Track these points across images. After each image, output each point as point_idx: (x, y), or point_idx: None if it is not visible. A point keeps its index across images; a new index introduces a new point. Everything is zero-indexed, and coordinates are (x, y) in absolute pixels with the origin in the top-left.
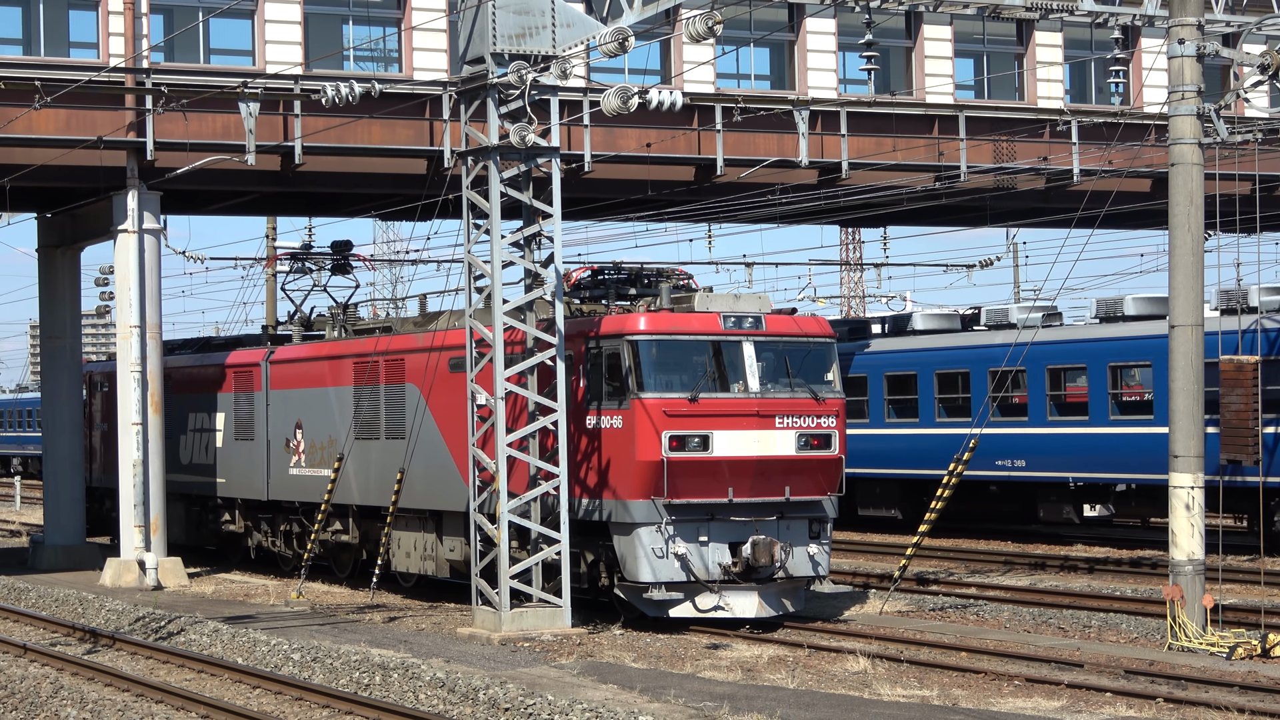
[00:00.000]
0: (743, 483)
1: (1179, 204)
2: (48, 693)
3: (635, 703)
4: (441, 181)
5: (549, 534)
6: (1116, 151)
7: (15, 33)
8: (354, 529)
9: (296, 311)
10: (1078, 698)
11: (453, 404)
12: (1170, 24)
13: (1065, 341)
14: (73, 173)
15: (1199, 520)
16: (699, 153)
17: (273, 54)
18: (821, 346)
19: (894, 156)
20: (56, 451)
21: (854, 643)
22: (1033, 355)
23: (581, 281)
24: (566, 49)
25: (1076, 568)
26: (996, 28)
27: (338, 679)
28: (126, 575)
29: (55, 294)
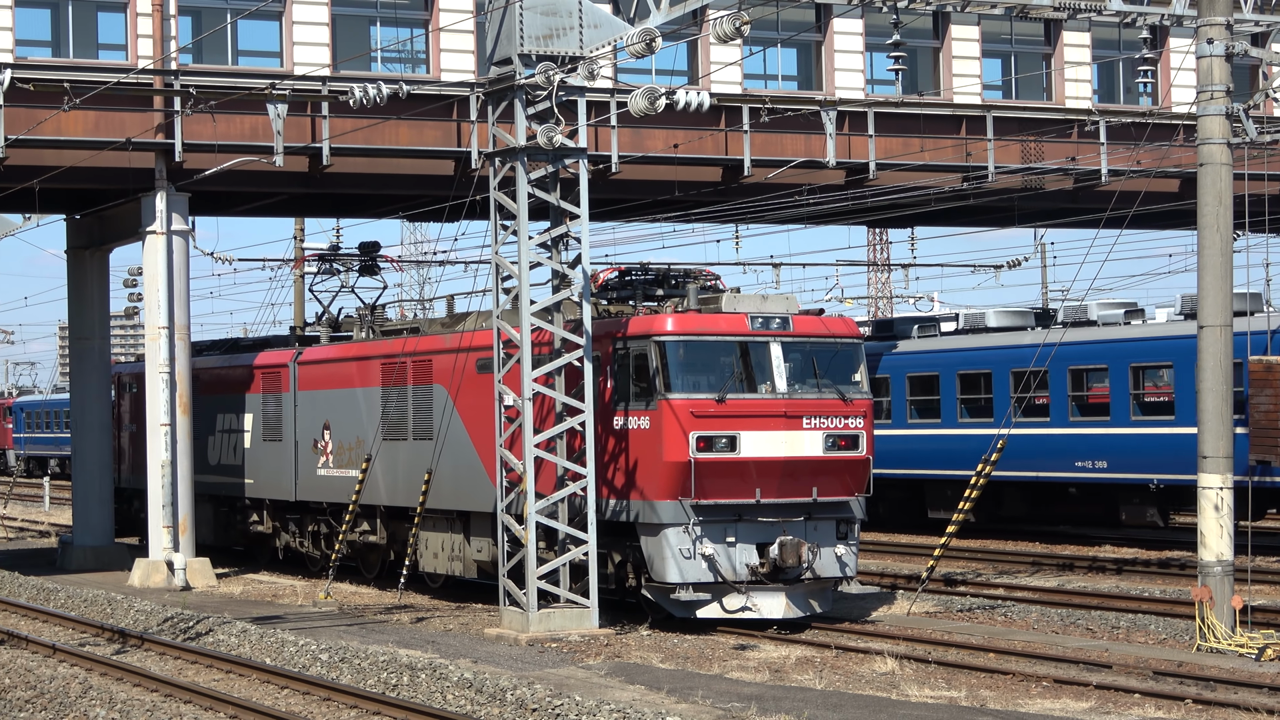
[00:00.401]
0: (770, 483)
1: (1208, 204)
2: (77, 693)
3: (663, 703)
4: (469, 182)
5: (576, 535)
6: (1145, 151)
7: (44, 35)
8: (382, 530)
9: (324, 312)
10: (1106, 699)
11: (480, 405)
12: (1199, 24)
13: (1148, 339)
14: (101, 174)
15: (1228, 521)
16: (726, 153)
17: (301, 55)
18: (849, 347)
19: (921, 157)
20: (85, 452)
21: (881, 643)
22: (1115, 353)
23: (609, 282)
24: (594, 50)
25: (1105, 569)
26: (1024, 28)
27: (365, 679)
28: (155, 576)
29: (84, 296)
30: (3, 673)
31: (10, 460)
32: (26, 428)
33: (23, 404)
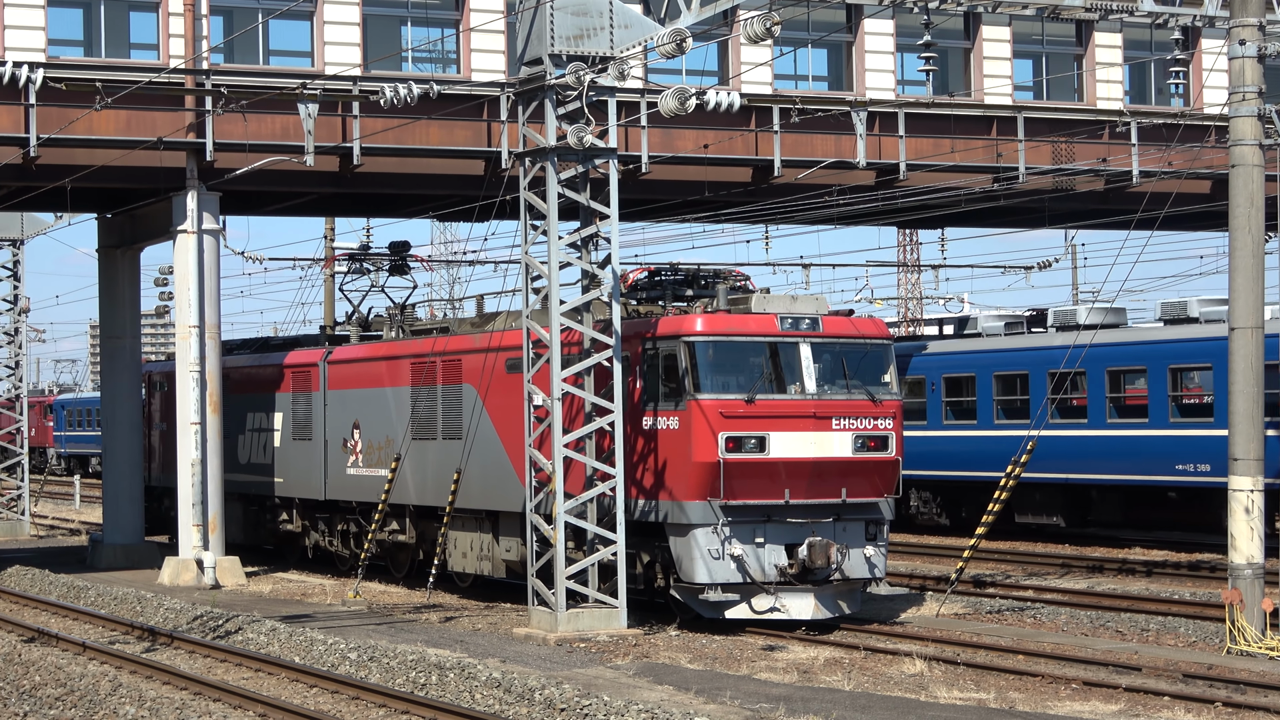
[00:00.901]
0: (799, 484)
1: (1239, 205)
2: (106, 690)
3: (691, 704)
4: (499, 182)
5: (605, 535)
6: (1176, 153)
7: (77, 34)
8: (411, 529)
9: (354, 312)
10: (1135, 701)
11: (509, 404)
12: (1231, 25)
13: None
14: (133, 173)
15: (1259, 523)
16: (756, 154)
17: (332, 55)
18: (879, 348)
19: (952, 158)
20: (116, 451)
21: (910, 645)
22: (1221, 350)
23: (638, 282)
24: (624, 50)
25: (1134, 571)
26: (1055, 28)
27: (394, 679)
28: (184, 574)
29: (115, 294)
30: (34, 670)
31: (51, 458)
32: (67, 425)
33: (63, 402)
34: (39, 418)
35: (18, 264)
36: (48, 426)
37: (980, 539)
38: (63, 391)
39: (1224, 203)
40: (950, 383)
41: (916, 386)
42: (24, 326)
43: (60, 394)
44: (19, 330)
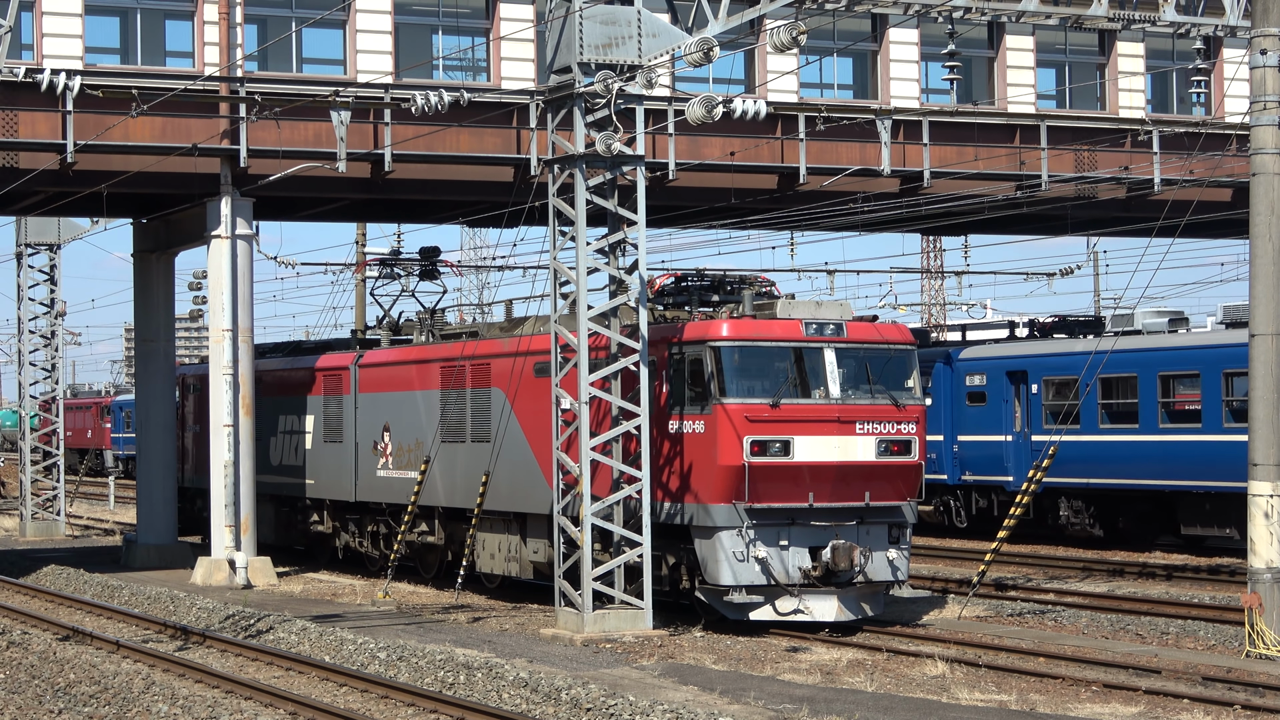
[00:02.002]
0: (823, 488)
1: (1260, 214)
2: (139, 689)
3: (715, 704)
4: (528, 189)
5: (631, 537)
6: (1198, 161)
7: (113, 42)
8: (440, 530)
9: (385, 316)
10: (1155, 704)
11: (537, 408)
12: (1252, 34)
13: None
14: (168, 179)
15: (1278, 528)
16: (782, 161)
17: (364, 63)
18: (902, 353)
19: (975, 166)
20: (150, 452)
21: (932, 647)
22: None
23: (665, 288)
24: (652, 59)
25: (1155, 574)
26: (1078, 38)
27: (423, 678)
28: (217, 574)
29: (150, 298)
30: (68, 668)
31: (108, 461)
32: (125, 427)
33: (121, 403)
34: (95, 419)
35: (54, 268)
36: (105, 428)
37: (1002, 542)
38: (119, 393)
39: (1245, 211)
40: (1106, 384)
41: (1066, 388)
42: (60, 330)
43: (117, 395)
44: (55, 333)
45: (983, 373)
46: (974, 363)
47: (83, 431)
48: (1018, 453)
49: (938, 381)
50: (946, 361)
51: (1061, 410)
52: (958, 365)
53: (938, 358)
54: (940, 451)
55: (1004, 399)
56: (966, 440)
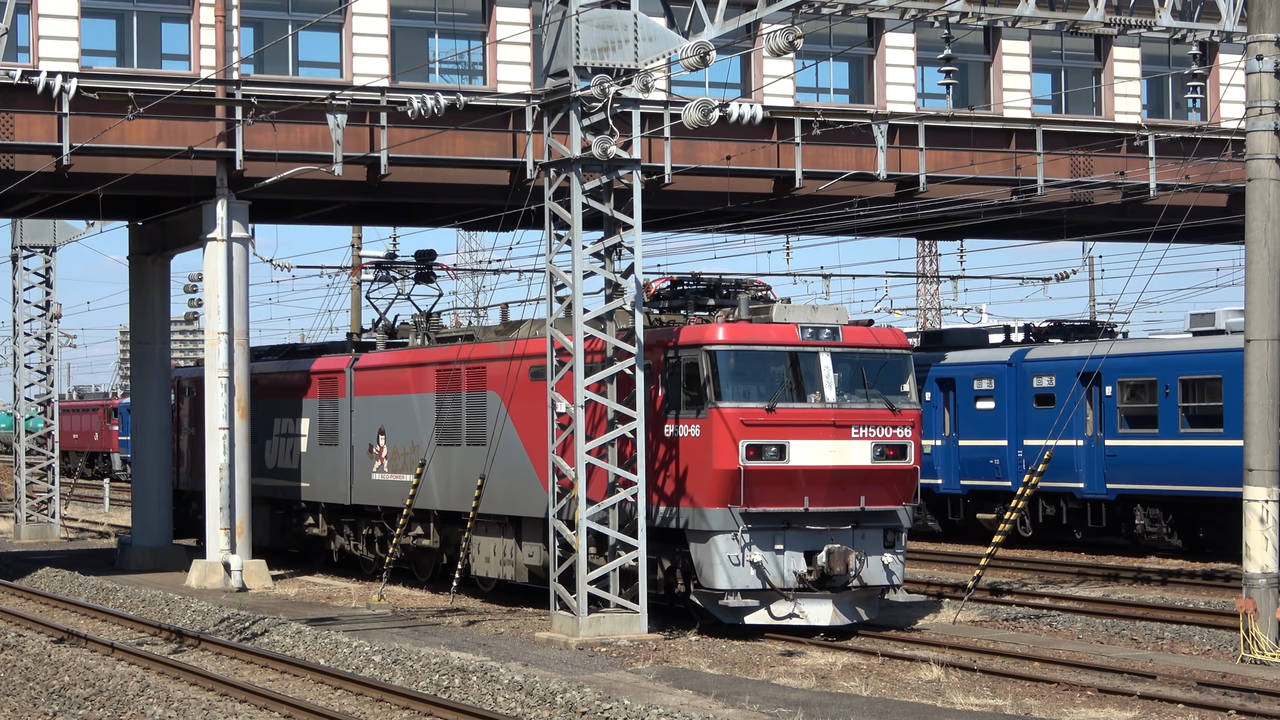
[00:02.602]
0: (818, 492)
1: (1256, 219)
2: (134, 691)
3: (710, 708)
4: (524, 192)
5: (627, 540)
6: (1193, 166)
7: (109, 45)
8: (435, 534)
9: (381, 319)
10: (1150, 709)
11: (533, 412)
12: (1248, 40)
13: None
14: (163, 182)
15: (1273, 533)
16: (778, 165)
17: (360, 66)
18: (898, 358)
19: (971, 170)
20: (145, 455)
21: (927, 651)
22: None
23: (661, 292)
24: (648, 63)
25: (1150, 580)
26: (1074, 43)
27: (418, 681)
28: (212, 577)
29: (145, 301)
30: (63, 670)
31: (115, 464)
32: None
33: (129, 405)
34: (103, 421)
35: (50, 270)
36: (112, 431)
37: (997, 547)
38: (127, 395)
39: (1241, 216)
40: (1187, 386)
41: (1144, 390)
42: (55, 332)
43: (125, 397)
44: (50, 335)
45: (1052, 374)
46: (1042, 364)
47: (89, 434)
48: (1090, 458)
49: (1000, 384)
50: (1011, 363)
51: (1138, 414)
52: (1024, 366)
53: (1000, 359)
54: (1004, 457)
55: (1075, 401)
56: (1034, 445)
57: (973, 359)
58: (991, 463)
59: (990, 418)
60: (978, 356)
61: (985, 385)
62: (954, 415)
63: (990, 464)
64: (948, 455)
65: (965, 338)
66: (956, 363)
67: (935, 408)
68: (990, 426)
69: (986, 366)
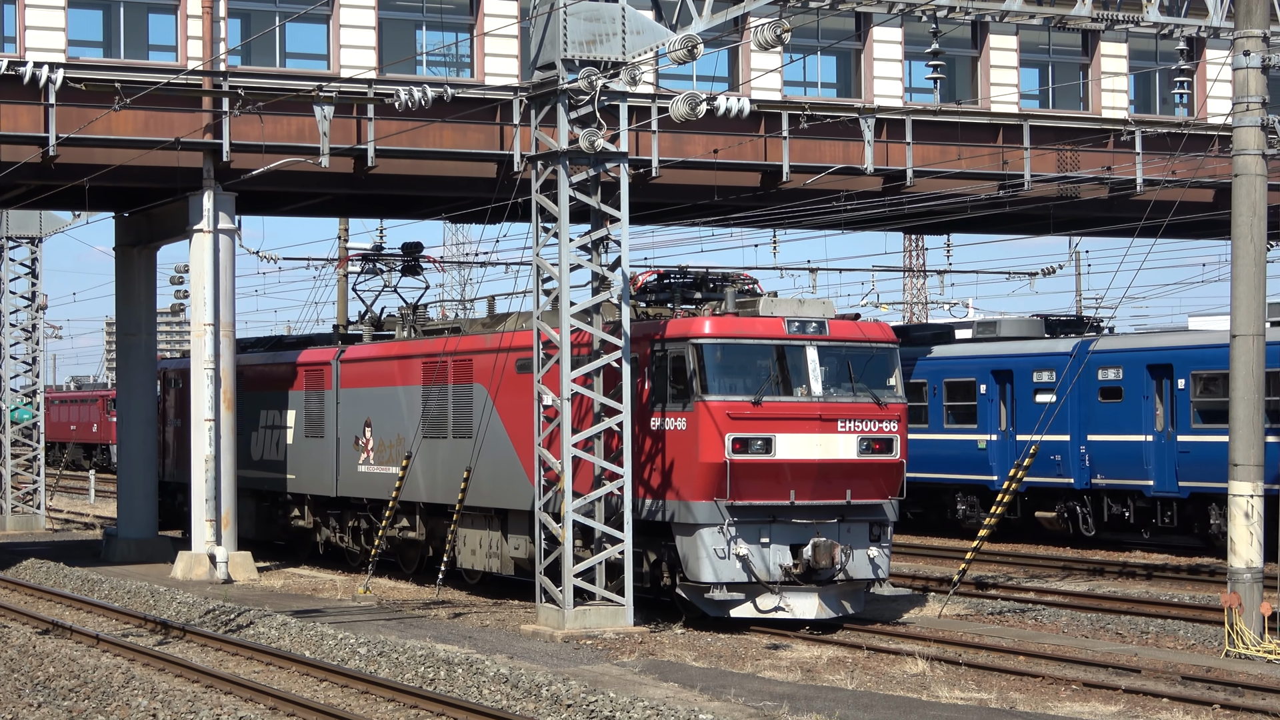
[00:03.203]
0: (804, 485)
1: (1242, 214)
2: (119, 683)
3: (696, 701)
4: (511, 185)
5: (613, 533)
6: (1180, 162)
7: (96, 35)
8: (421, 526)
9: (367, 311)
10: (1135, 703)
11: (519, 404)
12: (1235, 36)
13: None
14: (150, 173)
15: (1258, 528)
16: (765, 159)
17: (347, 58)
18: (884, 351)
19: (958, 165)
20: (130, 446)
21: (913, 645)
22: None
23: (648, 285)
24: (636, 56)
25: (1135, 574)
26: (1062, 38)
27: (403, 673)
28: (197, 568)
29: (131, 292)
30: (48, 662)
31: (114, 456)
32: None
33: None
34: (101, 413)
35: (36, 261)
36: (111, 422)
37: (983, 541)
38: None
39: (1227, 211)
40: (1273, 380)
41: (1220, 383)
42: (41, 323)
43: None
44: (36, 326)
45: (1119, 366)
46: (1109, 355)
47: (87, 426)
48: (1160, 454)
49: (1062, 377)
50: (1074, 354)
51: (1214, 408)
52: (1090, 359)
53: (1063, 350)
54: (1065, 453)
55: (1144, 395)
56: (1098, 440)
57: (1033, 350)
58: (1052, 459)
59: (1051, 412)
60: (1038, 347)
61: (1045, 377)
62: (1011, 409)
63: (1051, 460)
64: (1004, 451)
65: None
66: (1015, 354)
67: (991, 401)
68: (1053, 421)
69: (1047, 358)
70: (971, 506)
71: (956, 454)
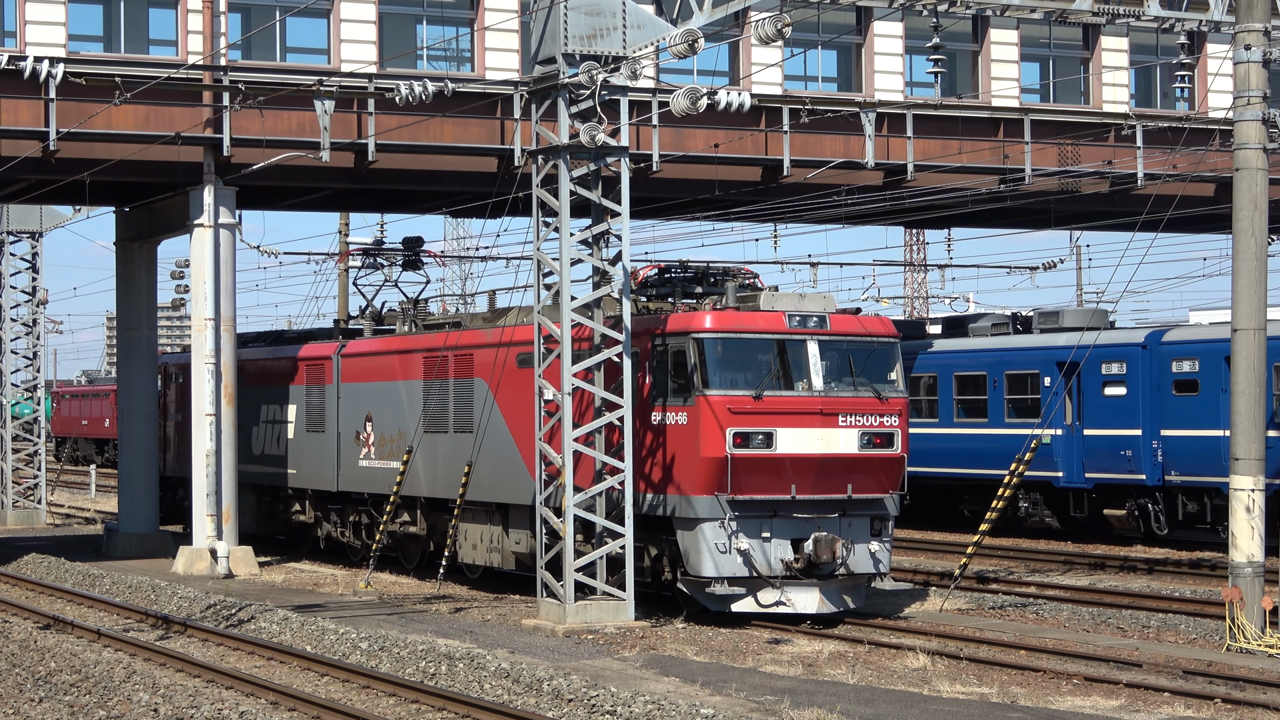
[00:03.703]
0: (805, 480)
1: (1243, 208)
2: (120, 677)
3: (697, 695)
4: (512, 180)
5: (614, 528)
6: (1181, 156)
7: (97, 30)
8: (422, 521)
9: (368, 306)
10: (1136, 697)
11: (520, 399)
12: (1236, 30)
13: None
14: (151, 168)
15: (1259, 523)
16: (766, 153)
17: (348, 53)
18: (885, 346)
19: (959, 159)
20: (131, 441)
21: (914, 639)
22: None
23: (648, 279)
24: (637, 50)
25: (1136, 568)
26: (1063, 32)
27: (404, 668)
28: (198, 563)
29: (132, 286)
30: (49, 656)
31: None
32: None
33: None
34: (113, 408)
35: (36, 256)
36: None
37: (984, 535)
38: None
39: (1228, 206)
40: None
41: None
42: (42, 318)
43: None
44: (37, 321)
45: (1194, 358)
46: (1184, 346)
47: (99, 421)
48: None
49: (1133, 369)
50: (1146, 345)
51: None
52: (1162, 350)
53: (1134, 341)
54: (1137, 448)
55: (1223, 388)
56: (1172, 435)
57: (1102, 340)
58: (1123, 454)
59: (1121, 405)
60: (1107, 338)
61: (1115, 370)
62: (1078, 402)
63: (1121, 455)
64: (1069, 446)
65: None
66: (1081, 345)
67: (1056, 394)
68: (1121, 415)
69: (1117, 349)
70: (1034, 504)
71: (1018, 449)
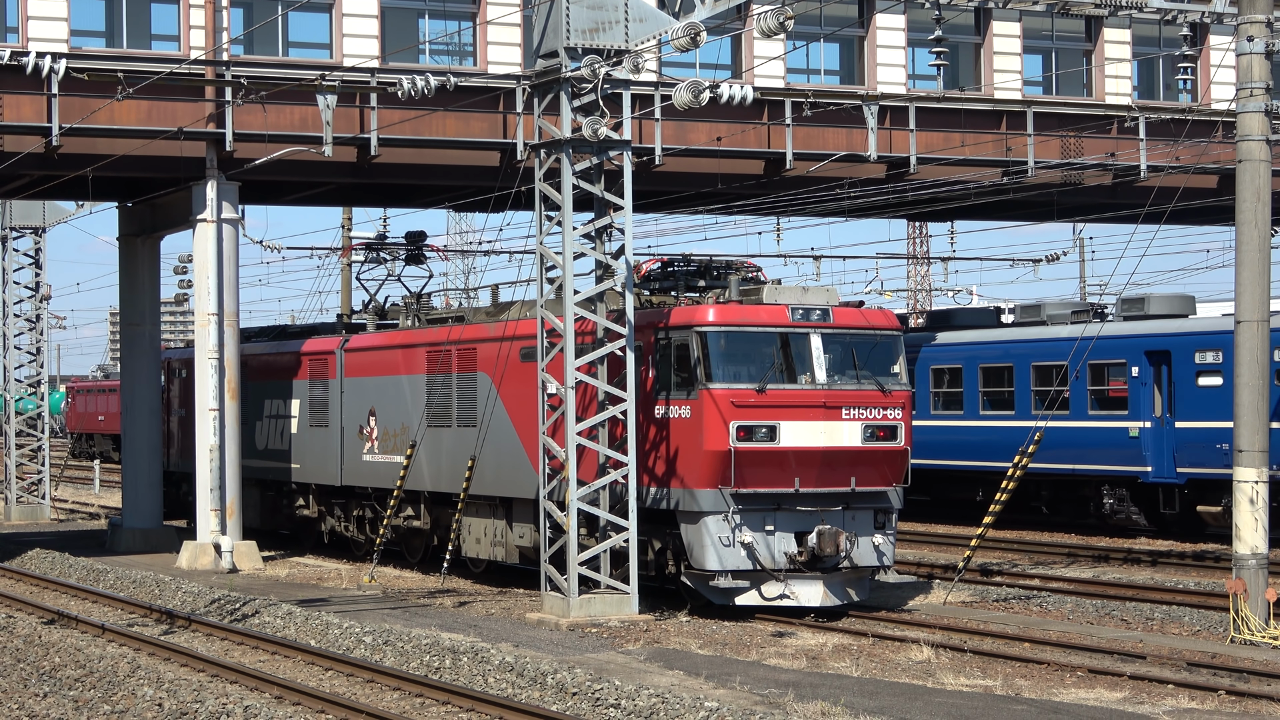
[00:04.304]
0: (809, 473)
1: (1246, 200)
2: (125, 672)
3: (701, 689)
4: (514, 174)
5: (617, 522)
6: (1184, 148)
7: (99, 25)
8: (425, 515)
9: (371, 301)
10: (1140, 689)
11: (524, 393)
12: (1239, 21)
13: None
14: (153, 163)
15: (1263, 514)
16: (769, 147)
17: (350, 47)
18: (888, 339)
19: (962, 152)
20: (135, 436)
21: (918, 632)
22: None
23: (651, 273)
24: (639, 43)
25: (1140, 560)
26: (1065, 24)
27: (408, 662)
28: (202, 558)
29: (135, 282)
30: (53, 652)
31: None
32: None
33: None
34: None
35: (39, 251)
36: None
37: (988, 528)
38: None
39: (1231, 197)
40: None
41: None
42: (45, 313)
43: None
44: (40, 317)
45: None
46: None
47: (115, 416)
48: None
49: (1231, 357)
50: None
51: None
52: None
53: (1231, 329)
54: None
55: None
56: (1276, 427)
57: (1194, 328)
58: (1219, 447)
59: (1218, 396)
60: (1200, 325)
61: (1211, 359)
62: (1168, 393)
63: (1217, 449)
64: (1159, 439)
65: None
66: (1172, 333)
67: (1144, 384)
68: (1217, 406)
69: (1212, 337)
70: (1120, 500)
71: (1102, 443)
